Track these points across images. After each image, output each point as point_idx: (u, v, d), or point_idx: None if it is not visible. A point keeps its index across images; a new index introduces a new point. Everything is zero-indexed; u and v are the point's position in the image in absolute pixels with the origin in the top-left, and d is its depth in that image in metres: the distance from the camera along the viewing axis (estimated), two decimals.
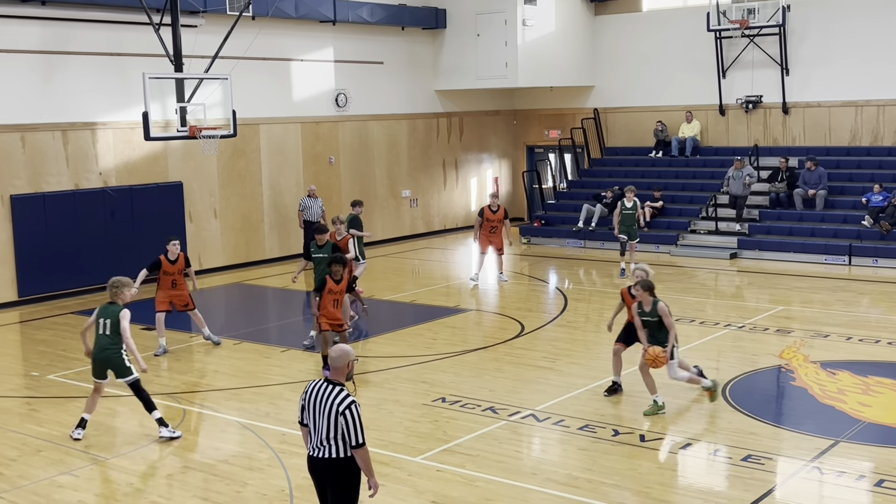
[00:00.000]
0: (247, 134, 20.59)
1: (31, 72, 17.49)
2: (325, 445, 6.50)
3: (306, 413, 6.61)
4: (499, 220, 18.37)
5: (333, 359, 6.64)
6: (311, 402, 6.58)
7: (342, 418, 6.42)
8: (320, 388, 6.57)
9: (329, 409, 6.46)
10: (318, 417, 6.52)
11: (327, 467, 6.53)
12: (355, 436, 6.44)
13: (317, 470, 6.61)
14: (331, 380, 6.60)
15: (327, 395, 6.51)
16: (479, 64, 24.69)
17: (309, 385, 6.68)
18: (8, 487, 8.90)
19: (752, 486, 8.52)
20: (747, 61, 23.88)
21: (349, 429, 6.43)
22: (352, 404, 6.47)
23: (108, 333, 10.09)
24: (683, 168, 24.51)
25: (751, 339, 13.90)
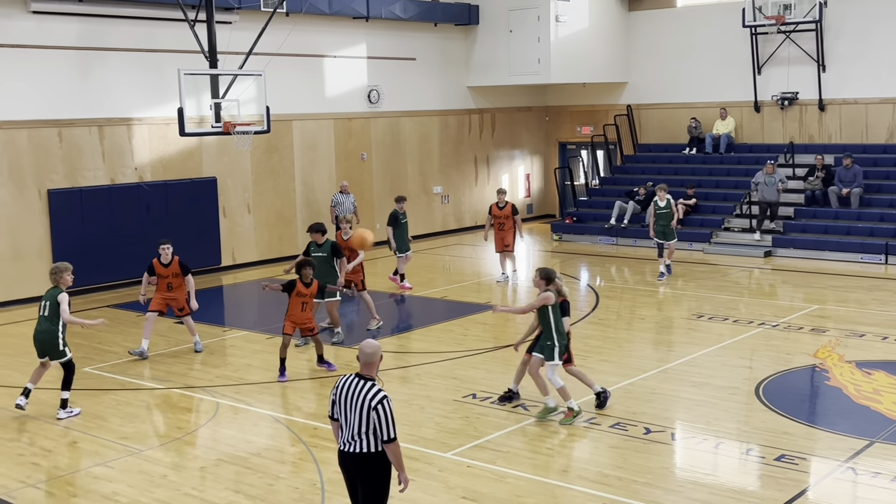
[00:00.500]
0: (280, 130, 20.71)
1: (68, 68, 17.70)
2: (356, 440, 6.54)
3: (337, 408, 6.65)
4: (505, 217, 18.12)
5: (367, 354, 6.66)
6: (342, 396, 6.61)
7: (374, 413, 6.45)
8: (351, 383, 6.61)
9: (361, 403, 6.50)
10: (349, 412, 6.55)
11: (359, 462, 6.57)
12: (387, 430, 6.47)
13: (348, 464, 6.63)
14: (362, 375, 6.64)
15: (359, 389, 6.54)
16: (512, 60, 24.64)
17: (340, 380, 6.72)
18: (44, 478, 9.03)
19: (786, 486, 8.45)
20: (783, 57, 23.65)
21: (381, 423, 6.46)
22: (384, 399, 6.50)
23: (47, 315, 10.76)
24: (717, 165, 24.33)
25: (785, 337, 13.78)
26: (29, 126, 17.24)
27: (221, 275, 20.02)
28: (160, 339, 14.50)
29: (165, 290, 13.52)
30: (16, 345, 14.30)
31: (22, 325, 15.60)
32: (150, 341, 13.52)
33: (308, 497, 8.41)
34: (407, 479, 6.73)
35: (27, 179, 17.29)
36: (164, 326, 15.29)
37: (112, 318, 15.93)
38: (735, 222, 22.39)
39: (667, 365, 12.39)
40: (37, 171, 17.40)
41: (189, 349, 13.79)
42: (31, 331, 15.20)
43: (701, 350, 13.09)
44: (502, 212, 18.20)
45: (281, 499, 8.37)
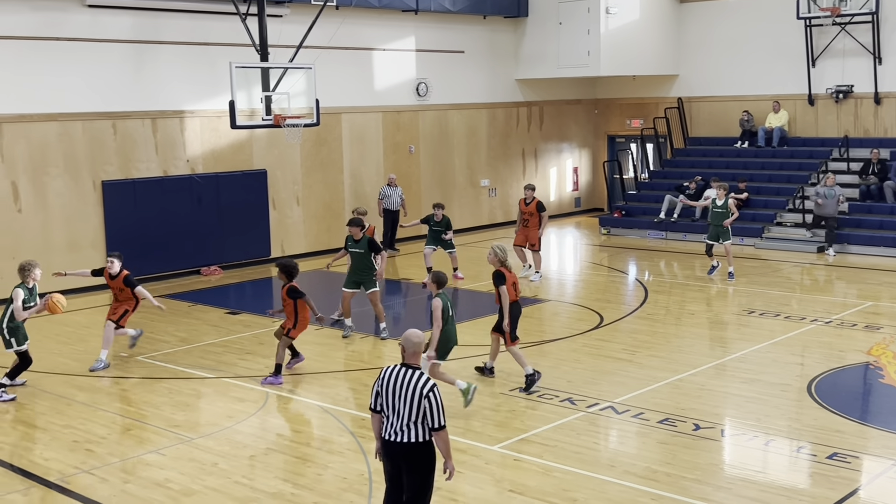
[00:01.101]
0: (329, 123, 20.82)
1: (122, 61, 17.97)
2: (405, 430, 6.57)
3: (381, 399, 6.68)
4: (529, 213, 17.61)
5: (413, 344, 6.73)
6: (389, 387, 6.62)
7: (426, 401, 6.51)
8: (399, 373, 6.63)
9: (412, 392, 6.53)
10: (398, 402, 6.57)
11: (406, 452, 6.60)
12: (438, 418, 6.53)
13: (395, 454, 6.66)
14: (408, 364, 6.69)
15: (408, 379, 6.58)
16: (561, 52, 24.51)
17: (384, 371, 6.74)
18: (98, 464, 9.20)
19: (837, 484, 8.33)
20: (838, 50, 23.24)
21: (432, 411, 6.51)
22: (434, 387, 6.57)
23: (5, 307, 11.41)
24: (770, 159, 24.00)
25: (837, 334, 13.57)
26: (84, 118, 17.54)
27: (271, 266, 20.20)
28: (211, 329, 14.69)
29: (114, 300, 13.17)
30: (71, 333, 14.59)
31: (77, 314, 15.91)
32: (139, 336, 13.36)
33: (356, 487, 8.47)
34: (453, 467, 6.80)
35: (82, 171, 17.59)
36: (216, 317, 15.49)
37: (165, 308, 16.15)
38: (787, 217, 22.07)
39: (717, 361, 12.27)
40: (91, 162, 17.70)
41: (241, 339, 13.95)
42: (87, 319, 15.54)
43: (752, 346, 12.94)
44: (528, 207, 17.74)
45: (329, 488, 8.45)
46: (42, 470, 9.03)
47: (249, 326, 14.80)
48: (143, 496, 8.38)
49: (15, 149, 16.73)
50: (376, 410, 6.75)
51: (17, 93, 16.65)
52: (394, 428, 6.62)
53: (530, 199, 17.88)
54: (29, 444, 9.78)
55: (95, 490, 8.54)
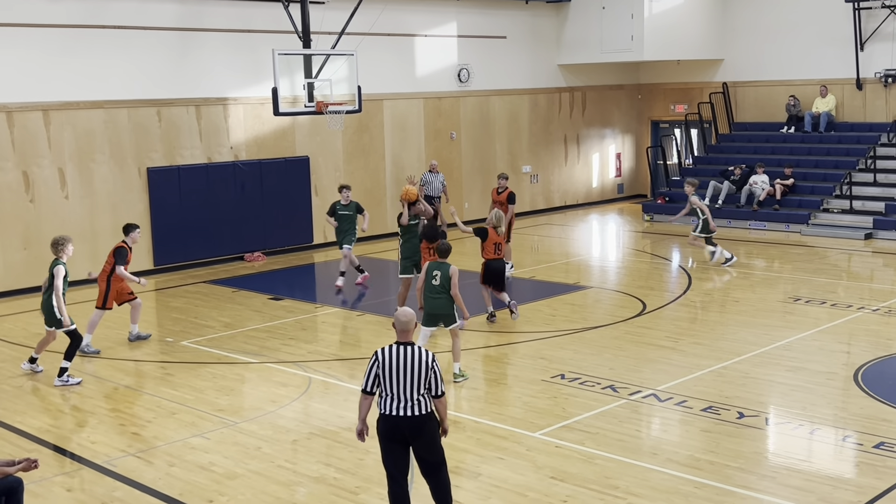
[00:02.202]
0: (371, 109, 20.86)
1: (166, 48, 18.13)
2: (413, 403, 6.90)
3: (381, 379, 6.92)
4: (500, 203, 16.76)
5: (403, 322, 7.06)
6: (391, 365, 6.90)
7: (433, 373, 6.92)
8: (399, 351, 6.95)
9: (418, 366, 6.89)
10: (403, 378, 6.87)
11: (417, 424, 6.91)
12: (441, 385, 6.99)
13: (403, 429, 6.92)
14: (403, 342, 7.02)
15: (411, 354, 6.92)
16: (604, 37, 24.30)
17: (380, 353, 6.98)
18: (144, 447, 9.33)
19: (885, 474, 8.21)
20: (887, 33, 22.78)
21: (437, 380, 6.96)
22: (435, 357, 7.04)
23: (47, 285, 11.41)
24: (817, 144, 23.63)
25: (885, 322, 13.35)
26: (129, 105, 17.74)
27: (313, 252, 20.33)
28: (254, 314, 14.82)
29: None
30: (117, 318, 14.78)
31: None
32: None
33: None
34: (447, 429, 7.26)
35: (127, 158, 17.80)
36: (259, 303, 15.63)
37: (208, 293, 16.34)
38: (834, 203, 21.73)
39: (761, 349, 12.14)
40: (136, 149, 17.90)
41: (284, 324, 14.07)
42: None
43: (797, 334, 12.78)
44: (499, 196, 17.03)
45: (370, 473, 8.49)
46: (89, 453, 9.19)
47: (292, 312, 14.91)
48: (188, 479, 8.49)
49: (62, 136, 16.98)
50: (370, 392, 6.99)
51: (63, 80, 16.88)
52: (401, 404, 6.89)
53: (503, 188, 17.23)
54: (76, 428, 9.95)
55: (141, 473, 8.67)
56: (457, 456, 8.80)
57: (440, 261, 11.13)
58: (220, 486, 8.33)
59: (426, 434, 6.95)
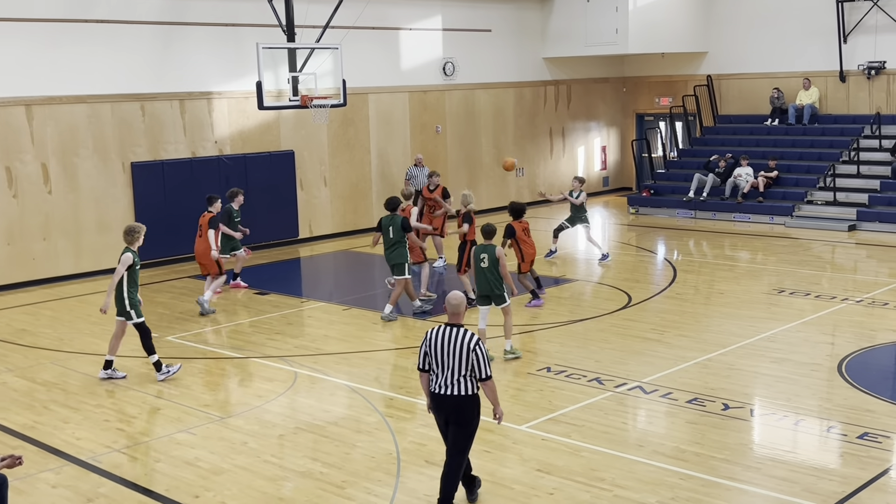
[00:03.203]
0: (356, 103, 20.81)
1: (150, 43, 18.03)
2: (455, 384, 7.21)
3: (430, 358, 7.27)
4: (434, 200, 16.86)
5: (454, 305, 7.35)
6: (437, 346, 7.23)
7: (474, 354, 7.15)
8: (445, 332, 7.24)
9: (460, 348, 7.16)
10: (447, 358, 7.19)
11: (456, 404, 7.22)
12: (485, 369, 7.19)
13: (445, 407, 7.27)
14: (452, 324, 7.30)
15: (455, 336, 7.21)
16: (589, 30, 24.31)
17: (430, 333, 7.31)
18: (129, 443, 9.30)
19: (868, 464, 8.27)
20: (870, 25, 22.88)
21: (480, 363, 7.17)
22: (479, 341, 7.23)
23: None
24: (800, 137, 23.73)
25: (869, 313, 13.43)
26: (112, 100, 17.64)
27: (299, 247, 20.29)
28: (240, 309, 14.78)
29: None
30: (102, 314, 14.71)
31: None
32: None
33: (384, 466, 8.51)
34: (502, 413, 7.53)
35: (111, 152, 17.71)
36: (245, 297, 15.58)
37: (193, 288, 16.29)
38: (818, 195, 21.83)
39: (746, 340, 12.19)
40: (120, 144, 17.81)
41: (269, 319, 14.04)
42: None
43: (782, 326, 12.85)
44: (432, 195, 16.95)
45: (357, 467, 8.49)
46: (74, 449, 9.15)
47: (278, 307, 14.89)
48: (174, 475, 8.47)
49: (45, 131, 16.87)
50: (424, 370, 7.34)
51: (45, 75, 16.77)
52: (445, 383, 7.23)
53: (434, 186, 17.07)
54: (61, 424, 9.91)
55: (126, 469, 8.65)
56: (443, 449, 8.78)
57: (486, 243, 11.48)
58: (207, 481, 8.31)
59: (463, 415, 7.25)
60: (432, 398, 7.35)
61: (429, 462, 8.54)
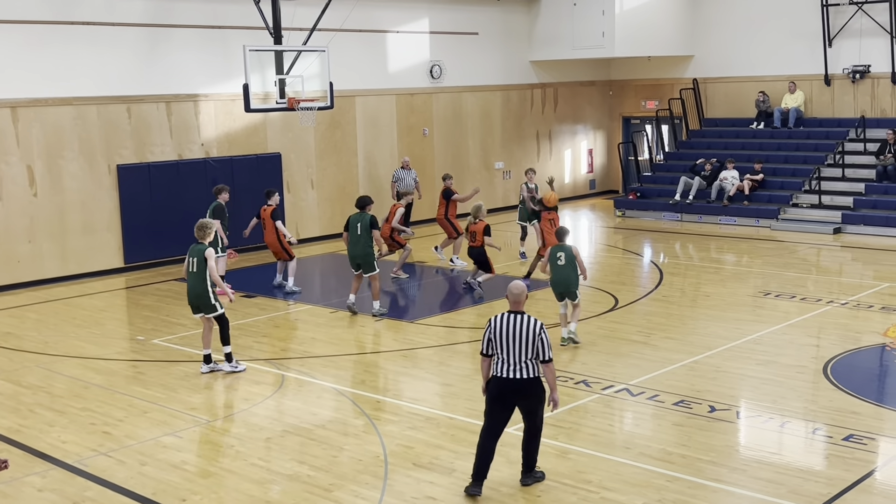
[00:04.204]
0: (343, 106, 20.80)
1: (136, 45, 17.98)
2: (521, 367, 7.65)
3: (494, 344, 7.70)
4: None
5: (515, 294, 7.80)
6: (502, 331, 7.67)
7: (539, 339, 7.63)
8: (510, 319, 7.70)
9: (527, 333, 7.63)
10: (512, 343, 7.64)
11: (522, 386, 7.69)
12: (549, 352, 7.69)
13: (508, 390, 7.70)
14: (515, 311, 7.75)
15: (519, 322, 7.68)
16: (575, 33, 24.38)
17: (494, 320, 7.75)
18: (115, 447, 9.26)
19: (853, 466, 8.31)
20: (855, 30, 23.02)
21: (544, 347, 7.67)
22: (543, 326, 7.74)
23: (195, 271, 11.12)
24: (786, 140, 23.85)
25: (854, 316, 13.51)
26: (98, 102, 17.58)
27: None
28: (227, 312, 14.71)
29: None
30: (87, 317, 14.68)
31: (93, 298, 16.01)
32: None
33: (371, 469, 8.51)
34: (558, 399, 8.01)
35: (97, 155, 17.65)
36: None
37: (180, 291, 16.23)
38: (804, 198, 21.95)
39: (732, 343, 12.24)
40: (106, 146, 17.74)
41: (256, 322, 14.01)
42: (104, 303, 15.62)
43: (767, 328, 12.90)
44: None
45: (345, 470, 8.49)
46: (60, 452, 9.11)
47: (265, 309, 14.86)
48: (160, 478, 8.44)
49: (30, 133, 16.80)
50: (488, 354, 7.78)
51: (31, 77, 16.70)
52: (510, 367, 7.66)
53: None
54: (47, 427, 9.86)
55: (113, 472, 8.61)
56: (430, 452, 8.82)
57: (560, 243, 12.26)
58: (193, 484, 8.29)
59: (532, 395, 7.74)
60: (495, 381, 7.74)
61: (416, 465, 8.55)
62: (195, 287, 11.22)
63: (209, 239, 11.30)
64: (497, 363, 7.74)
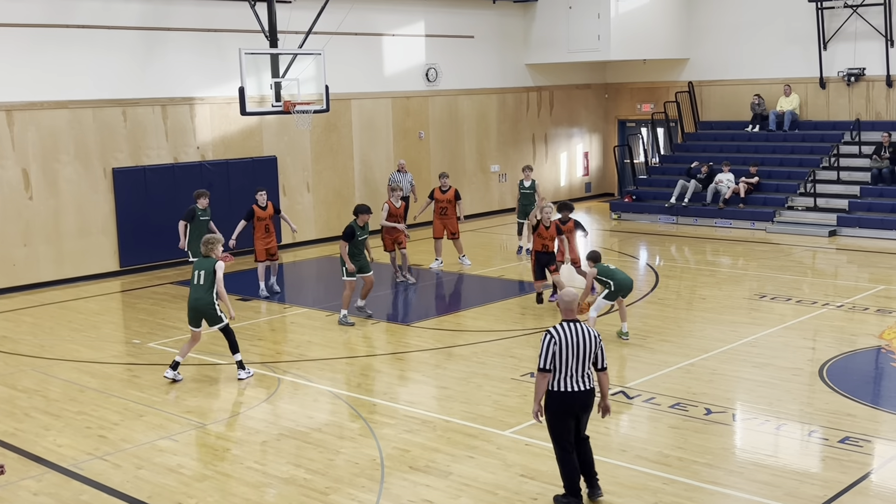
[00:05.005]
0: (339, 109, 20.80)
1: (132, 48, 17.96)
2: (584, 379, 7.44)
3: (558, 357, 7.34)
4: (448, 201, 17.63)
5: (567, 302, 7.50)
6: (567, 344, 7.35)
7: (600, 348, 7.49)
8: (572, 329, 7.42)
9: (588, 343, 7.41)
10: (578, 355, 7.37)
11: (588, 397, 7.49)
12: (605, 359, 7.57)
13: (578, 403, 7.46)
14: (571, 320, 7.48)
15: (581, 332, 7.42)
16: (571, 37, 24.41)
17: (557, 332, 7.39)
18: (111, 450, 9.24)
19: (850, 468, 8.32)
20: (850, 33, 23.08)
21: (602, 354, 7.53)
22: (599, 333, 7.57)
23: (203, 283, 11.07)
24: (781, 143, 23.89)
25: (849, 318, 13.53)
26: (94, 105, 17.56)
27: (282, 252, 20.22)
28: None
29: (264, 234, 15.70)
30: (83, 320, 14.65)
31: (89, 301, 15.99)
32: None
33: (367, 472, 8.50)
34: (609, 405, 7.78)
35: (92, 158, 17.62)
36: None
37: (175, 294, 16.22)
38: (799, 201, 21.99)
39: (728, 345, 12.25)
40: (102, 149, 17.73)
41: (252, 325, 13.99)
42: (99, 306, 15.59)
43: (763, 331, 12.92)
44: (445, 195, 17.71)
45: (341, 473, 8.48)
46: (56, 456, 9.09)
47: (260, 313, 14.85)
48: (156, 482, 8.43)
49: (25, 136, 16.77)
50: (548, 370, 7.38)
51: (27, 80, 16.68)
52: (574, 380, 7.40)
53: (447, 186, 17.89)
54: (42, 431, 9.84)
55: (108, 476, 8.59)
56: (427, 455, 8.82)
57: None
58: (189, 488, 8.27)
59: (591, 407, 7.56)
60: (559, 397, 7.41)
61: (412, 468, 8.54)
62: (202, 299, 11.14)
63: (217, 252, 11.27)
64: (559, 377, 7.40)
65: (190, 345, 11.42)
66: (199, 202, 15.66)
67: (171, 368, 11.36)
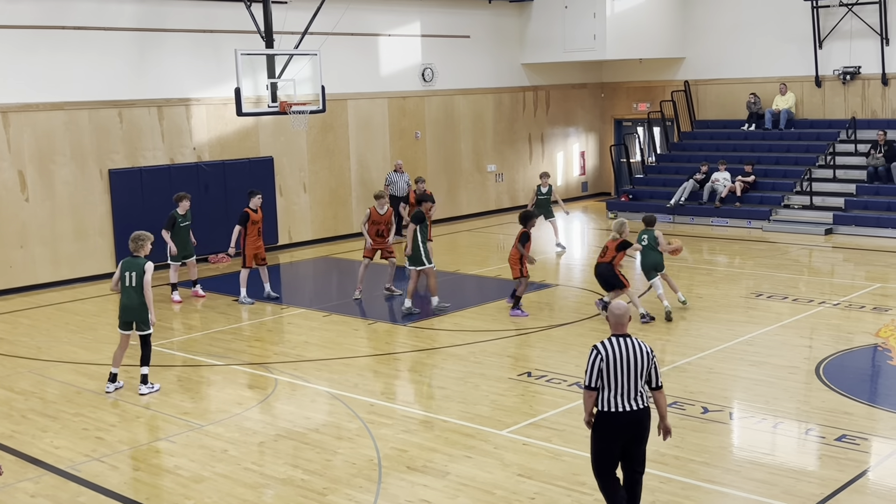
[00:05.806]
0: (335, 109, 20.80)
1: (127, 49, 17.95)
2: (637, 397, 6.83)
3: (606, 374, 6.79)
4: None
5: (618, 315, 6.91)
6: (617, 360, 6.77)
7: (653, 363, 6.87)
8: (622, 344, 6.82)
9: (641, 358, 6.81)
10: (629, 372, 6.78)
11: (642, 418, 6.86)
12: (660, 376, 6.92)
13: (627, 424, 6.83)
14: (621, 334, 6.88)
15: (632, 347, 6.82)
16: (567, 36, 24.42)
17: (602, 348, 6.83)
18: (108, 452, 9.24)
19: (846, 466, 8.34)
20: (845, 31, 23.11)
21: (657, 370, 6.90)
22: (652, 349, 6.94)
23: (134, 285, 10.76)
24: (777, 141, 23.91)
25: (846, 316, 13.55)
26: (90, 107, 17.54)
27: (279, 253, 20.24)
28: (220, 316, 14.72)
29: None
30: (80, 322, 14.64)
31: (86, 303, 15.97)
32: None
33: (365, 472, 8.50)
34: (670, 426, 7.09)
35: (89, 159, 17.61)
36: (224, 304, 15.52)
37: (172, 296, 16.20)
38: (795, 199, 22.01)
39: (725, 344, 12.27)
40: (98, 151, 17.71)
41: (249, 326, 13.99)
42: (96, 308, 15.58)
43: (760, 329, 12.93)
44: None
45: (338, 474, 8.48)
46: (53, 458, 9.08)
47: (258, 314, 14.85)
48: (154, 483, 8.43)
49: (21, 138, 16.75)
50: (594, 388, 6.85)
51: (22, 82, 16.66)
52: (625, 398, 6.80)
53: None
54: (39, 433, 9.83)
55: (106, 478, 8.59)
56: (424, 455, 8.82)
57: (646, 228, 14.14)
58: (187, 489, 8.27)
59: (646, 428, 6.93)
60: (608, 417, 6.85)
61: (410, 468, 8.54)
62: (133, 301, 10.77)
63: (145, 251, 10.88)
64: (608, 395, 6.82)
65: (121, 351, 11.00)
66: (179, 206, 15.55)
67: (110, 381, 11.01)
